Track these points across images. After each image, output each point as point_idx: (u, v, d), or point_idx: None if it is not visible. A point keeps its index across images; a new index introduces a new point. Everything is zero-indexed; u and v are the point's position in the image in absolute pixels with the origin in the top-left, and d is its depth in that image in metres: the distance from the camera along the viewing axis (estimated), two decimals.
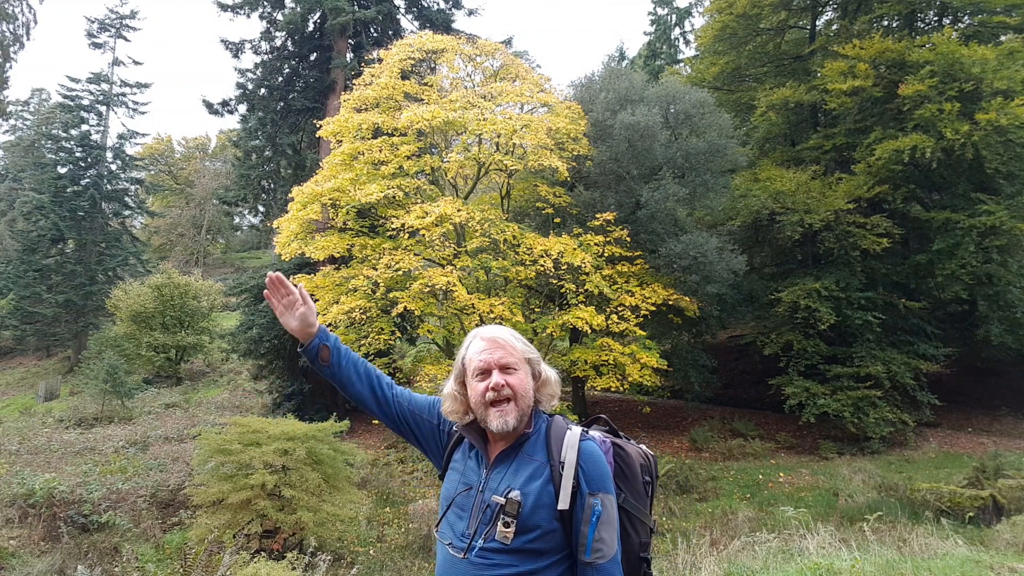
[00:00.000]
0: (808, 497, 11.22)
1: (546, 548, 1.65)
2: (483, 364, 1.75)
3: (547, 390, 1.82)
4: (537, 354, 1.84)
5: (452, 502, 1.76)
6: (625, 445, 1.84)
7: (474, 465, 1.78)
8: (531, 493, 1.66)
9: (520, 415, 1.73)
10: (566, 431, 1.75)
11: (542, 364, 1.83)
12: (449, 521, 1.75)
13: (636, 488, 1.80)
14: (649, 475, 1.86)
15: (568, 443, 1.71)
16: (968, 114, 13.66)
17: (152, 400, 20.24)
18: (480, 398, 1.74)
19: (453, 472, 1.83)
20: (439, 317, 12.79)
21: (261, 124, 19.79)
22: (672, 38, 32.48)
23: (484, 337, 1.81)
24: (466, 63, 14.65)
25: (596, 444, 1.75)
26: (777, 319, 15.53)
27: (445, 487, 1.83)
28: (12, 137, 43.79)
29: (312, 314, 1.94)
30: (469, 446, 1.83)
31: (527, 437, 1.76)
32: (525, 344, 1.82)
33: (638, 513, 1.78)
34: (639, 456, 1.85)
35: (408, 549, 9.27)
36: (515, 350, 1.78)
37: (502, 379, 1.73)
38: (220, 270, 41.18)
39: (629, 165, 13.60)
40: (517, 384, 1.74)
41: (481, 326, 1.90)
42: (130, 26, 31.83)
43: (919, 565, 5.10)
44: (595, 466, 1.70)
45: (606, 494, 1.68)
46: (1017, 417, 15.41)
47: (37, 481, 9.90)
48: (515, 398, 1.72)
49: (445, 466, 1.88)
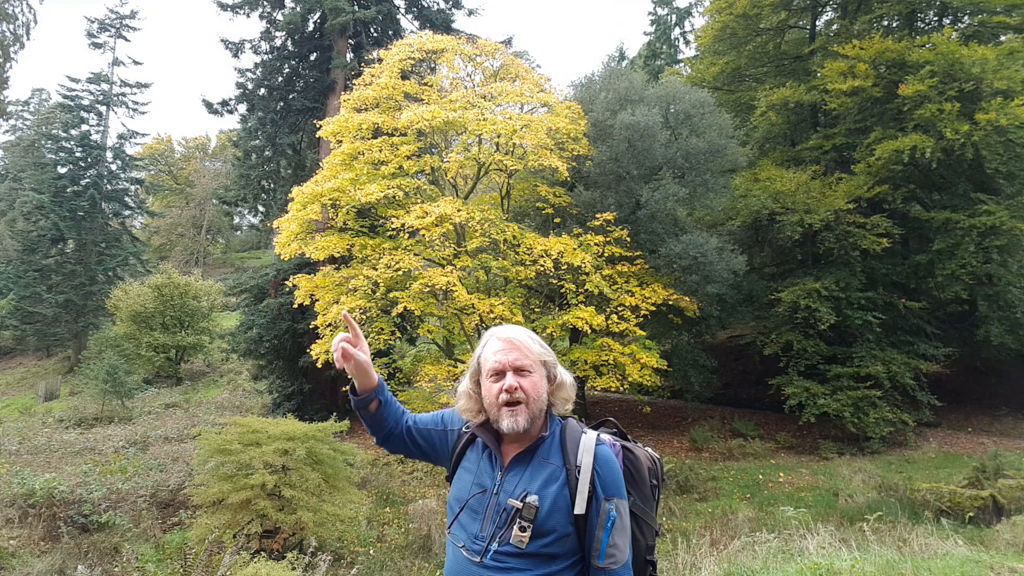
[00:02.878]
0: (808, 497, 11.22)
1: (560, 552, 1.64)
2: (498, 365, 1.75)
3: (562, 394, 1.81)
4: (553, 357, 1.82)
5: (465, 504, 1.74)
6: (634, 449, 1.84)
7: (488, 467, 1.76)
8: (548, 497, 1.65)
9: (531, 417, 1.72)
10: (581, 435, 1.75)
11: (558, 367, 1.82)
12: (462, 522, 1.74)
13: (644, 492, 1.80)
14: (656, 478, 1.86)
15: (584, 447, 1.71)
16: (968, 114, 13.65)
17: (152, 400, 20.24)
18: (494, 399, 1.74)
19: (465, 472, 1.81)
20: (439, 317, 12.79)
21: (261, 124, 19.77)
22: (672, 38, 32.49)
23: (501, 337, 1.80)
24: (466, 63, 14.64)
25: (610, 448, 1.75)
26: (777, 319, 15.53)
27: (457, 488, 1.81)
28: (12, 137, 43.82)
29: (368, 364, 1.89)
30: (483, 447, 1.81)
31: (542, 440, 1.75)
32: (542, 346, 1.81)
33: (646, 517, 1.78)
34: (647, 460, 1.85)
35: (408, 549, 9.26)
36: (531, 352, 1.76)
37: (516, 381, 1.72)
38: (220, 270, 41.20)
39: (629, 165, 13.60)
40: (530, 387, 1.73)
41: (497, 327, 1.90)
42: (130, 26, 31.87)
43: (919, 565, 5.09)
44: (610, 471, 1.70)
45: (620, 499, 1.69)
46: (1017, 417, 15.40)
47: (37, 481, 9.89)
48: (527, 401, 1.71)
49: (455, 466, 1.86)
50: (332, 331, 12.33)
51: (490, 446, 1.77)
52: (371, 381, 1.88)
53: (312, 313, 13.48)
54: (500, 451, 1.77)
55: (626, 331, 12.24)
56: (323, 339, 12.47)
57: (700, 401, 17.10)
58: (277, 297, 17.45)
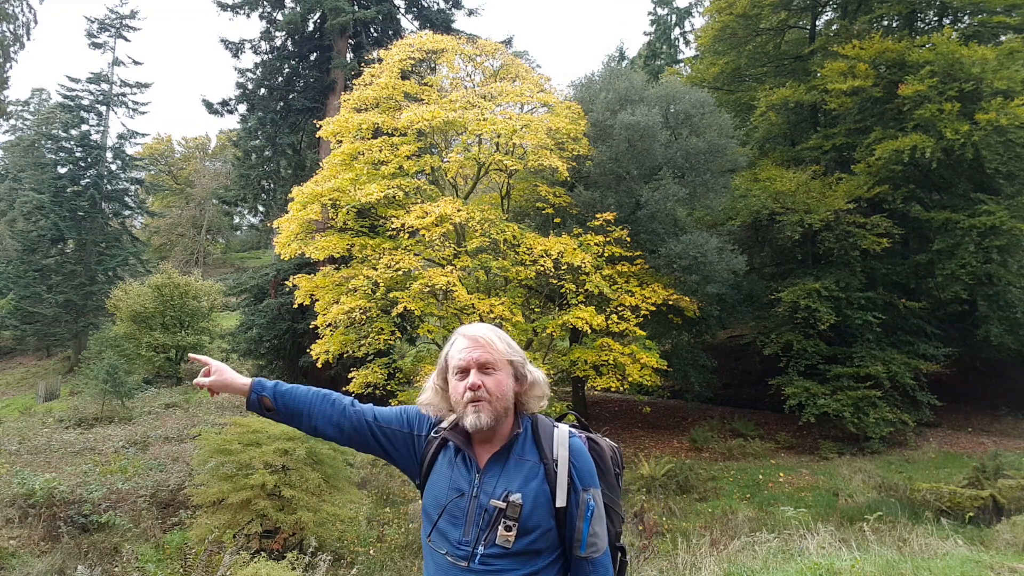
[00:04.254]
0: (808, 497, 11.23)
1: (543, 548, 1.66)
2: (462, 363, 1.75)
3: (534, 392, 1.80)
4: (522, 356, 1.81)
5: (444, 510, 1.72)
6: (598, 440, 1.86)
7: (463, 470, 1.74)
8: (529, 494, 1.66)
9: (495, 415, 1.71)
10: (553, 429, 1.77)
11: (527, 366, 1.81)
12: (442, 530, 1.71)
13: (610, 481, 1.83)
14: (618, 467, 1.89)
15: (559, 441, 1.74)
16: (968, 114, 13.65)
17: (152, 400, 20.20)
18: (459, 397, 1.74)
19: (438, 478, 1.78)
20: (439, 317, 12.78)
21: (261, 124, 19.78)
22: (672, 38, 32.49)
23: (467, 335, 1.79)
24: (466, 63, 14.64)
25: (580, 440, 1.78)
26: (777, 319, 15.53)
27: (431, 494, 1.78)
28: (12, 137, 43.82)
29: (225, 372, 1.98)
30: (455, 450, 1.78)
31: (516, 438, 1.75)
32: (509, 345, 1.80)
33: (613, 505, 1.81)
34: (610, 449, 1.88)
35: (408, 549, 9.26)
36: (495, 350, 1.75)
37: (479, 379, 1.72)
38: (220, 270, 41.20)
39: (629, 165, 13.60)
40: (494, 386, 1.72)
41: (465, 325, 1.89)
42: (130, 26, 31.83)
43: (919, 565, 5.10)
44: (585, 462, 1.74)
45: (596, 489, 1.72)
46: (1017, 417, 15.40)
47: (37, 481, 9.88)
48: (490, 399, 1.71)
49: (426, 473, 1.83)
50: (332, 331, 12.34)
51: (463, 448, 1.76)
52: (243, 385, 1.94)
53: (312, 313, 13.48)
54: (473, 452, 1.76)
55: (626, 331, 12.24)
56: (323, 339, 12.47)
57: (700, 401, 17.10)
58: (277, 297, 17.46)
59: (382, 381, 12.35)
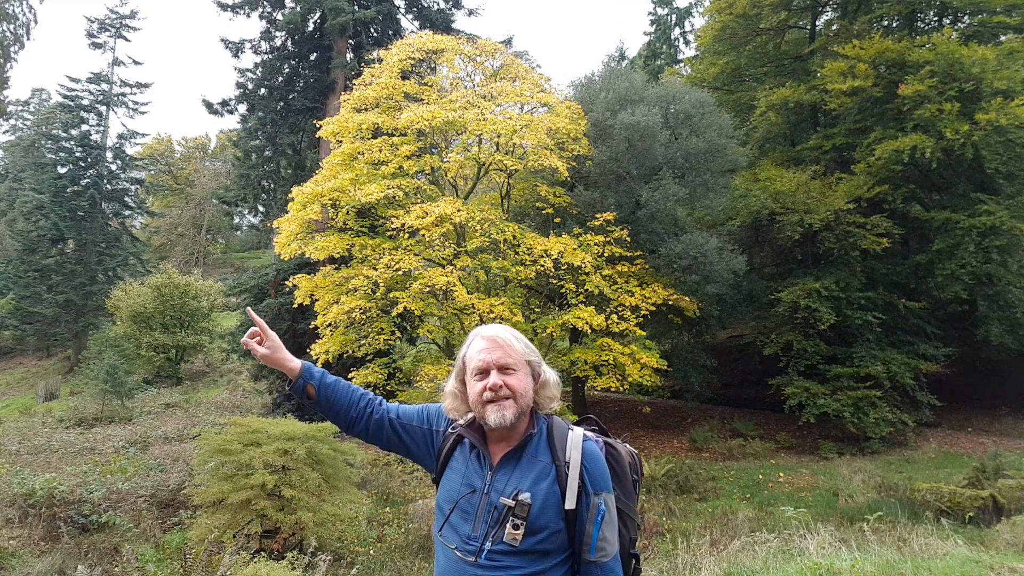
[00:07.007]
0: (808, 497, 11.22)
1: (552, 548, 1.67)
2: (482, 364, 1.76)
3: (546, 392, 1.82)
4: (538, 356, 1.84)
5: (455, 505, 1.75)
6: (616, 445, 1.86)
7: (476, 467, 1.77)
8: (539, 494, 1.67)
9: (518, 411, 1.73)
10: (568, 432, 1.78)
11: (543, 366, 1.83)
12: (453, 524, 1.74)
13: (627, 487, 1.82)
14: (636, 473, 1.89)
15: (572, 443, 1.74)
16: (968, 114, 13.65)
17: (152, 400, 20.21)
18: (478, 397, 1.75)
19: (453, 473, 1.81)
20: (439, 317, 12.78)
21: (261, 124, 19.78)
22: (672, 38, 32.50)
23: (484, 336, 1.81)
24: (466, 63, 14.64)
25: (595, 444, 1.77)
26: (777, 319, 15.53)
27: (445, 489, 1.81)
28: (12, 137, 43.84)
29: (279, 349, 1.96)
30: (470, 447, 1.81)
31: (530, 438, 1.76)
32: (526, 345, 1.82)
33: (628, 511, 1.81)
34: (628, 455, 1.88)
35: (408, 549, 9.26)
36: (514, 351, 1.78)
37: (500, 379, 1.73)
38: (220, 270, 41.18)
39: (629, 165, 13.60)
40: (516, 385, 1.74)
41: (483, 325, 1.91)
42: (130, 26, 31.83)
43: (919, 565, 5.09)
44: (598, 466, 1.73)
45: (608, 494, 1.72)
46: (1017, 417, 15.40)
47: (37, 481, 9.88)
48: (514, 397, 1.73)
49: (441, 468, 1.86)
50: (332, 331, 12.34)
51: (477, 446, 1.78)
52: (291, 368, 1.93)
53: (312, 313, 13.48)
54: (488, 450, 1.77)
55: (626, 331, 12.24)
56: (323, 339, 12.47)
57: (700, 401, 17.10)
58: (277, 297, 17.45)
59: (382, 381, 12.36)
